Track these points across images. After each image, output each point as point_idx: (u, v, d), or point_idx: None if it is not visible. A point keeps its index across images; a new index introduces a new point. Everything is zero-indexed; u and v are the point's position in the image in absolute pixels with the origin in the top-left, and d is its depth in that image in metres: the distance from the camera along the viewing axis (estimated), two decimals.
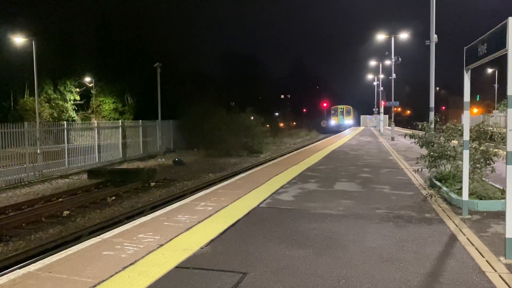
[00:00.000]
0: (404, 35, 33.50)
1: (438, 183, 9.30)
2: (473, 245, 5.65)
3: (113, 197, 15.48)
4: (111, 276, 4.66)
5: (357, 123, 72.40)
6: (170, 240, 5.99)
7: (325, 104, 78.89)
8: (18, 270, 4.94)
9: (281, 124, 79.30)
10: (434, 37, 16.28)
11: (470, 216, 7.11)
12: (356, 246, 5.67)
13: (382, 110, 43.02)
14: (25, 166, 18.75)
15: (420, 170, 10.25)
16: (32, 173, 19.01)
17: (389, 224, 6.76)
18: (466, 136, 7.22)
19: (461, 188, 7.37)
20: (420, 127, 10.84)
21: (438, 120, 11.06)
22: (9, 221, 11.83)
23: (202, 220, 7.08)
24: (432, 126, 10.99)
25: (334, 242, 5.87)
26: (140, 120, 30.97)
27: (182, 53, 58.58)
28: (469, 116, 7.16)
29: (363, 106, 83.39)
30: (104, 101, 48.01)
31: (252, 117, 36.76)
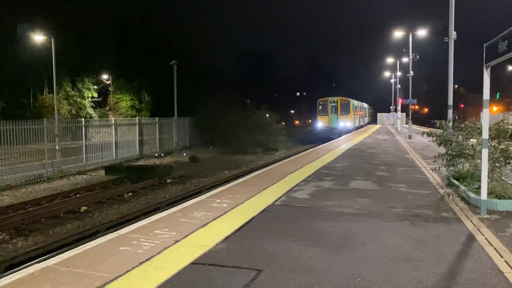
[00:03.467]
0: (422, 32, 33.02)
1: (456, 182, 9.18)
2: (491, 245, 5.56)
3: (130, 193, 15.64)
4: (128, 271, 4.71)
5: (374, 121, 71.75)
6: (186, 236, 6.03)
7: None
8: (37, 264, 5.03)
9: (297, 122, 79.07)
10: (453, 34, 16.02)
11: (488, 216, 7.00)
12: (372, 245, 5.63)
13: (399, 108, 42.56)
14: (44, 162, 19.06)
15: (437, 168, 10.13)
16: (50, 169, 19.30)
17: (405, 223, 6.70)
18: (486, 134, 7.11)
19: (479, 187, 7.27)
20: (438, 125, 10.70)
21: (457, 118, 10.91)
22: (29, 216, 12.05)
23: (218, 217, 7.11)
24: (451, 124, 10.83)
25: (350, 240, 5.84)
26: (157, 117, 31.20)
27: (198, 51, 58.81)
28: (489, 114, 7.04)
29: (380, 103, 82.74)
30: (121, 98, 48.50)
31: (267, 115, 36.77)
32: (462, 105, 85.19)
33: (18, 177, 17.44)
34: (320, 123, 41.30)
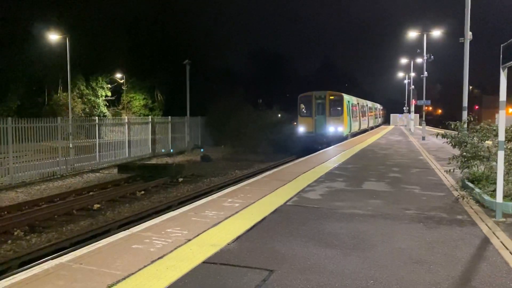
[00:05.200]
0: (437, 33, 32.71)
1: (470, 184, 9.05)
2: (507, 248, 5.47)
3: (142, 192, 15.74)
4: (140, 269, 4.73)
5: (387, 121, 71.20)
6: (197, 235, 6.04)
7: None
8: (51, 261, 5.08)
9: None
10: (469, 34, 15.83)
11: (504, 219, 6.89)
12: (385, 247, 5.58)
13: (412, 108, 42.22)
14: (57, 159, 19.27)
15: (452, 170, 10.01)
16: (64, 166, 19.50)
17: (419, 225, 6.62)
18: (502, 136, 7.00)
19: (495, 190, 7.16)
20: (453, 126, 10.57)
21: (472, 119, 10.76)
22: (42, 213, 12.19)
23: (229, 216, 7.11)
24: (465, 125, 10.69)
25: (362, 242, 5.80)
26: (169, 116, 31.36)
27: (211, 50, 59.10)
28: (505, 116, 6.93)
29: (393, 104, 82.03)
30: (134, 97, 48.87)
31: (279, 115, 36.72)
32: (477, 107, 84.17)
33: (32, 174, 17.65)
34: (302, 128, 29.58)
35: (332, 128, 29.07)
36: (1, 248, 9.52)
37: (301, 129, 29.64)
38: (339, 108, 29.65)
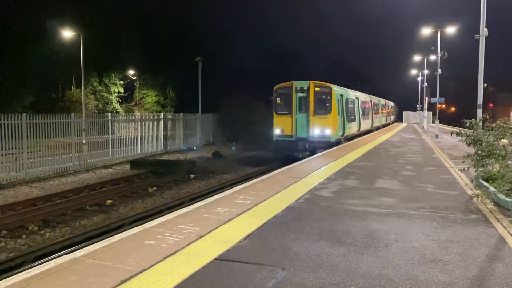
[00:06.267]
0: (451, 29, 32.31)
1: (485, 183, 8.93)
2: None
3: (154, 188, 15.82)
4: (152, 265, 4.74)
5: (399, 119, 70.60)
6: (209, 231, 6.04)
7: None
8: (64, 256, 5.12)
9: None
10: (485, 31, 15.58)
11: None
12: (398, 246, 5.52)
13: (426, 106, 41.78)
14: (71, 155, 19.45)
15: (466, 169, 9.88)
16: (77, 162, 19.69)
17: (433, 224, 6.55)
18: None
19: (510, 189, 7.07)
20: (468, 124, 10.42)
21: (487, 117, 10.61)
22: (56, 208, 12.32)
23: (241, 213, 7.11)
24: (480, 124, 10.54)
25: (375, 240, 5.75)
26: (181, 113, 31.46)
27: (224, 47, 59.05)
28: None
29: (406, 102, 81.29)
30: (146, 94, 49.16)
31: None
32: (491, 105, 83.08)
33: (46, 169, 17.84)
34: (278, 130, 22.49)
35: (318, 131, 21.71)
36: (16, 242, 9.65)
37: (277, 132, 22.31)
38: (328, 104, 22.08)
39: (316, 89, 22.16)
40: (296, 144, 21.89)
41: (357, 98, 29.60)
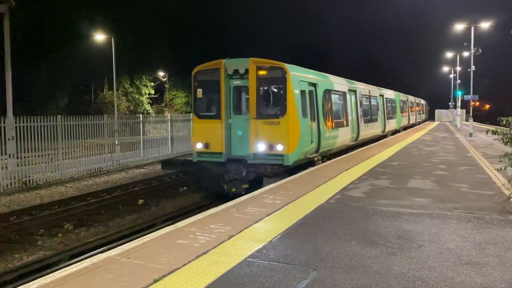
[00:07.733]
0: (485, 25, 31.39)
1: None
2: None
3: (185, 187, 16.00)
4: (185, 264, 4.80)
5: (431, 118, 69.04)
6: (240, 231, 6.07)
7: None
8: (100, 255, 5.24)
9: None
10: None
11: None
12: (432, 247, 5.41)
13: (458, 104, 40.74)
14: (104, 156, 19.91)
15: (503, 168, 9.56)
16: (110, 162, 20.13)
17: (468, 225, 6.38)
18: None
19: None
20: (504, 122, 10.08)
21: None
22: (90, 207, 12.63)
23: (271, 213, 7.11)
24: None
25: (408, 241, 5.65)
26: None
27: (251, 45, 59.22)
28: None
29: (438, 99, 79.46)
30: (176, 95, 49.86)
31: None
32: None
33: (80, 170, 18.32)
34: (199, 143, 13.11)
35: (263, 146, 12.22)
36: (52, 240, 9.96)
37: (198, 146, 13.17)
38: (281, 99, 12.45)
39: (261, 72, 12.72)
40: (227, 169, 12.45)
41: (357, 91, 19.95)
